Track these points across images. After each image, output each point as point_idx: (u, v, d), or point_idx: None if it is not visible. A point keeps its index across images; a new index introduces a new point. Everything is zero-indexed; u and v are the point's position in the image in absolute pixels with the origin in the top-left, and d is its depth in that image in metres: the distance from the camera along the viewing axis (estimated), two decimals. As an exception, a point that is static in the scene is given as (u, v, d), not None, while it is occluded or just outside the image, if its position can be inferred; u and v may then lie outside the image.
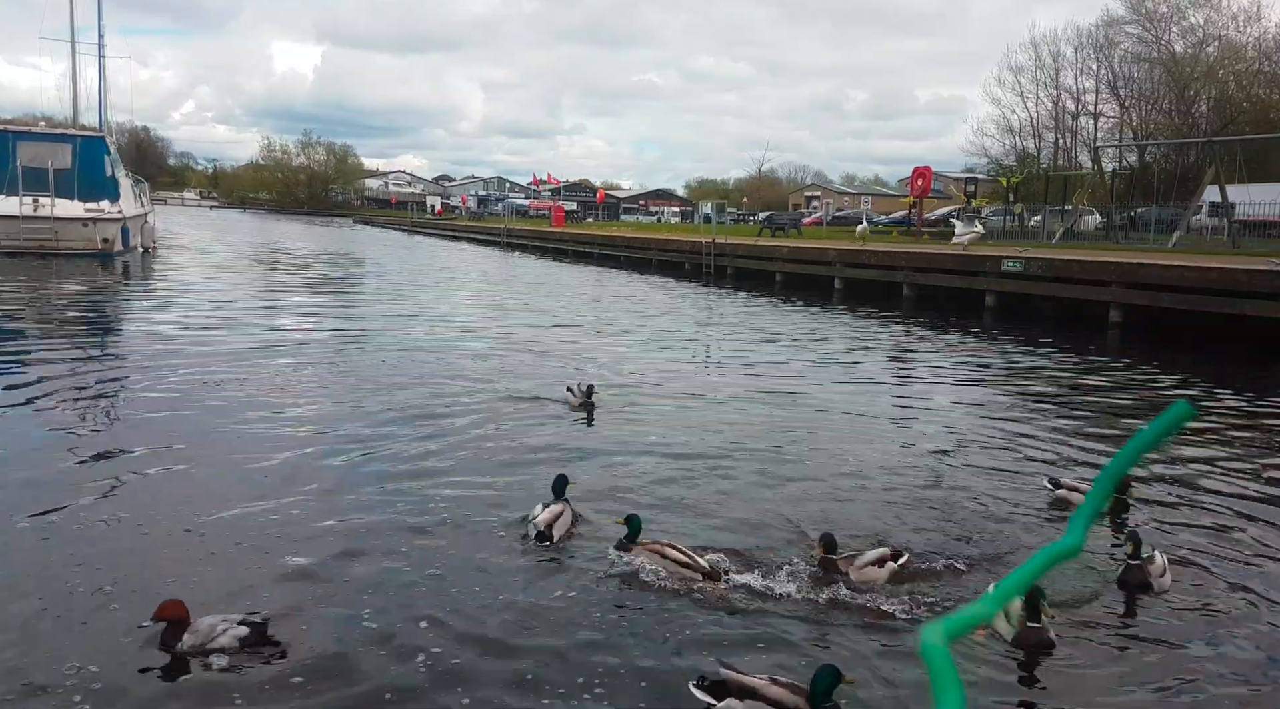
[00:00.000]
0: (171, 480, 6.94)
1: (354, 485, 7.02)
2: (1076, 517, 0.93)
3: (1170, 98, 54.49)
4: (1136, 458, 0.91)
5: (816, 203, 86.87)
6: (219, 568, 5.36)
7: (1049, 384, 12.71)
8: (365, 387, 10.78)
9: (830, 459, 8.22)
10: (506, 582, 5.33)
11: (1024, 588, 0.90)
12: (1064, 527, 0.93)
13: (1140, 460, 0.86)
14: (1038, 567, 0.90)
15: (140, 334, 14.86)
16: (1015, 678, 4.47)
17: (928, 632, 0.83)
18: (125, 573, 5.18)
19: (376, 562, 5.54)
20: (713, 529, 6.29)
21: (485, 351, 14.01)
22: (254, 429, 8.57)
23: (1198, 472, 8.04)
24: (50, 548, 5.56)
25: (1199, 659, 4.68)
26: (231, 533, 5.90)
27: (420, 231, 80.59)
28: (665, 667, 4.43)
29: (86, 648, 4.35)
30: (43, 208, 30.15)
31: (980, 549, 6.13)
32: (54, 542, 5.66)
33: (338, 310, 19.70)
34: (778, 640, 4.74)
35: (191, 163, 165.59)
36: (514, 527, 6.17)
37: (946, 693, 0.80)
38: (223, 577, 5.22)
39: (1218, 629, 5.02)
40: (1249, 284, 15.70)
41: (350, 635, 4.61)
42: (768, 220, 49.36)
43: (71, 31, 40.83)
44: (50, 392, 9.96)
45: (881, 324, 19.46)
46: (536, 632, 4.72)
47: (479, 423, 9.07)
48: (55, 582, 5.05)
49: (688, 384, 11.75)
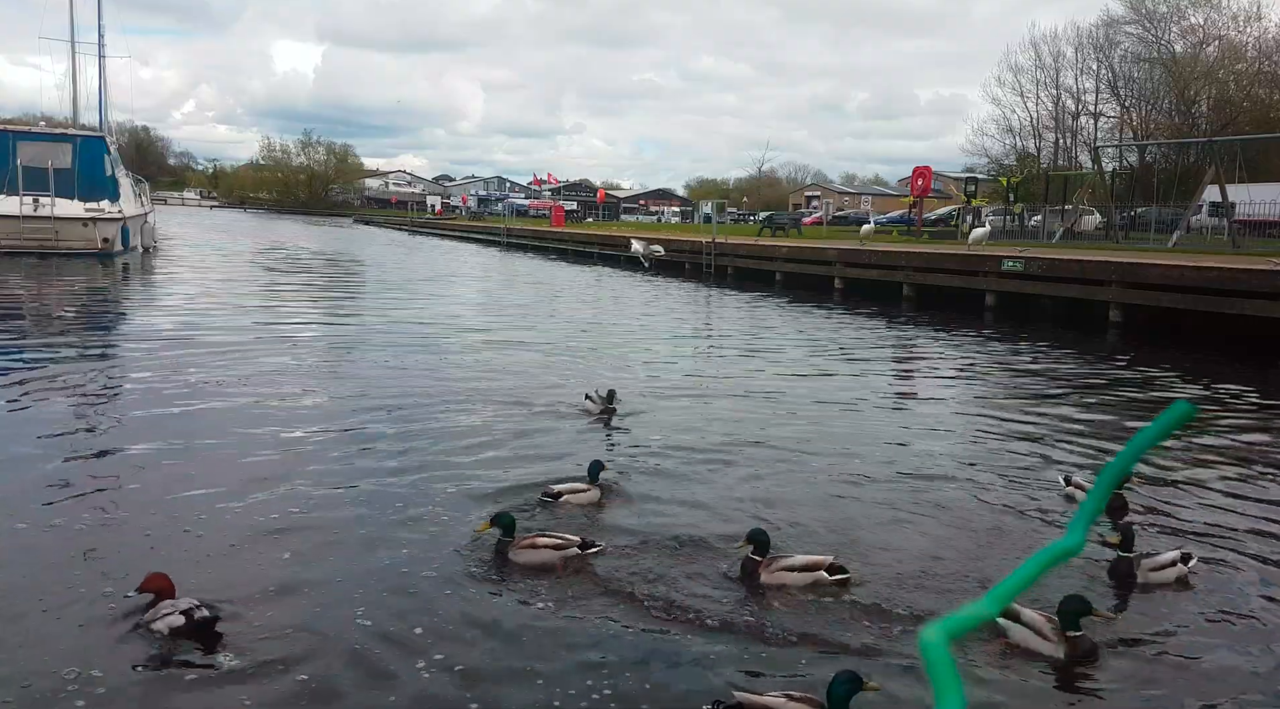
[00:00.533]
0: (169, 477, 6.93)
1: (361, 493, 7.02)
2: (1077, 516, 0.93)
3: (1170, 98, 54.52)
4: (1137, 458, 0.91)
5: (816, 203, 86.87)
6: (209, 563, 5.36)
7: (1049, 384, 12.71)
8: (371, 390, 10.76)
9: (830, 459, 8.21)
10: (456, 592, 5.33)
11: (1024, 588, 0.90)
12: (1060, 526, 0.93)
13: (1140, 460, 0.86)
14: (1038, 567, 0.90)
15: (139, 334, 14.86)
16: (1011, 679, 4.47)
17: (928, 631, 0.83)
18: (112, 565, 5.19)
19: (362, 560, 5.55)
20: (716, 522, 6.29)
21: (492, 354, 13.98)
22: (254, 433, 8.55)
23: (1197, 471, 8.04)
24: (42, 544, 5.56)
25: (1197, 659, 4.68)
26: (227, 532, 5.90)
27: (420, 231, 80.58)
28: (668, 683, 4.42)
29: (65, 633, 4.36)
30: (43, 208, 30.16)
31: (977, 548, 6.13)
32: (46, 537, 5.66)
33: (338, 312, 19.70)
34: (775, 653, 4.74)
35: (192, 163, 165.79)
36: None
37: (947, 693, 0.80)
38: (209, 572, 5.22)
39: (1216, 627, 5.02)
40: (1249, 284, 15.69)
41: (309, 642, 4.58)
42: (768, 220, 49.36)
43: (71, 31, 40.85)
44: (47, 392, 9.95)
45: (881, 324, 19.46)
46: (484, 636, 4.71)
47: (490, 433, 8.90)
48: (45, 574, 5.06)
49: (700, 384, 11.75)
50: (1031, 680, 4.44)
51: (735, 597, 5.22)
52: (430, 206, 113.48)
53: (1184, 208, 31.31)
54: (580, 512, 6.51)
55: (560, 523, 6.22)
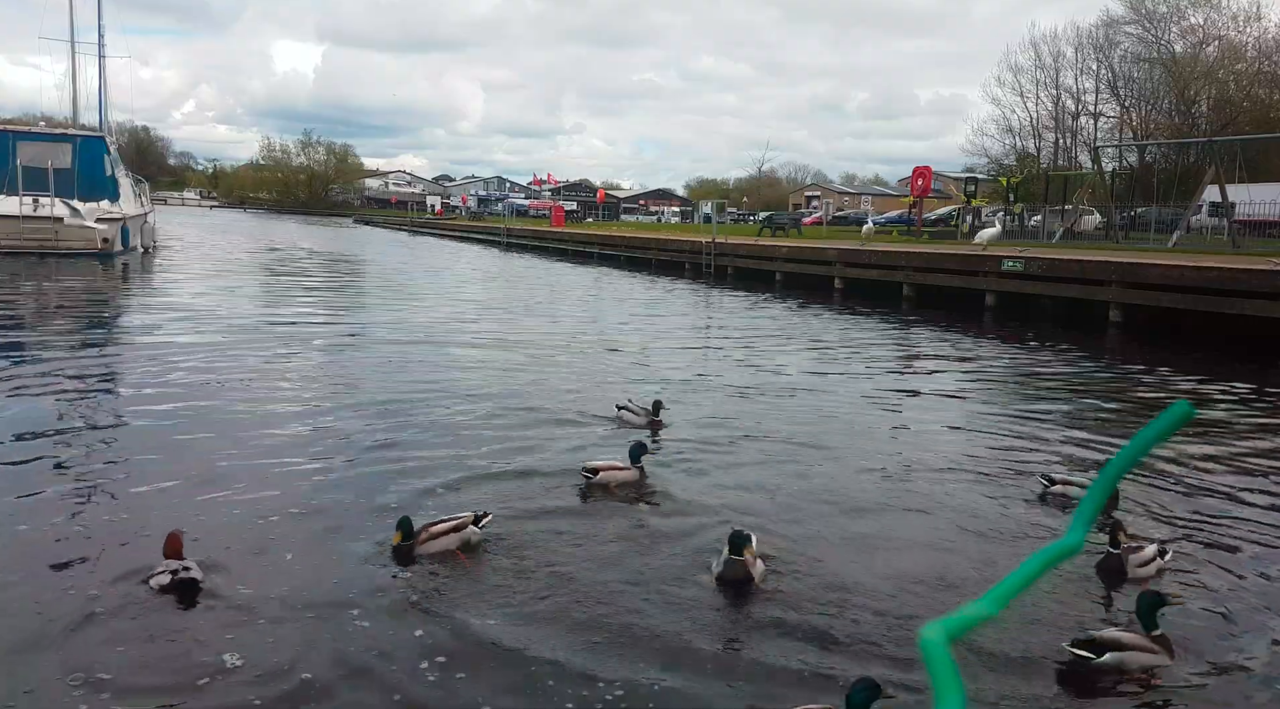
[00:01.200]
0: (167, 477, 6.93)
1: (374, 505, 7.02)
2: (1077, 516, 0.93)
3: (1170, 98, 54.56)
4: (1137, 458, 0.91)
5: (816, 203, 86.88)
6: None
7: (1049, 384, 12.71)
8: (371, 391, 10.75)
9: (828, 458, 8.22)
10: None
11: (1024, 588, 0.90)
12: (1055, 524, 0.93)
13: (1140, 460, 0.86)
14: (1038, 566, 0.90)
15: (138, 332, 14.85)
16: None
17: (928, 631, 0.83)
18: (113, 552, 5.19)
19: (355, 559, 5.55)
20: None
21: (500, 357, 13.99)
22: (257, 434, 8.56)
23: (1198, 471, 8.03)
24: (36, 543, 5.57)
25: (1191, 657, 4.68)
26: (224, 531, 5.90)
27: (421, 231, 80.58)
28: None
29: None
30: (42, 208, 30.17)
31: (974, 548, 6.13)
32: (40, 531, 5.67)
33: (339, 312, 19.69)
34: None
35: (191, 163, 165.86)
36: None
37: (947, 693, 0.80)
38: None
39: (1213, 626, 5.02)
40: (1249, 284, 15.70)
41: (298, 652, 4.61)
42: (768, 220, 49.37)
43: (71, 31, 40.85)
44: (43, 391, 9.95)
45: (881, 324, 19.46)
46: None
47: (507, 449, 8.27)
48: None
49: (705, 383, 11.75)
50: (1031, 681, 4.44)
51: (723, 601, 5.21)
52: (430, 207, 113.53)
53: (1184, 208, 31.31)
54: (619, 492, 6.59)
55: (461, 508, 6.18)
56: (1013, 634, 4.75)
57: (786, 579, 5.46)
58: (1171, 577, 5.65)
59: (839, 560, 5.82)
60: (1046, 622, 4.93)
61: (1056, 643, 4.62)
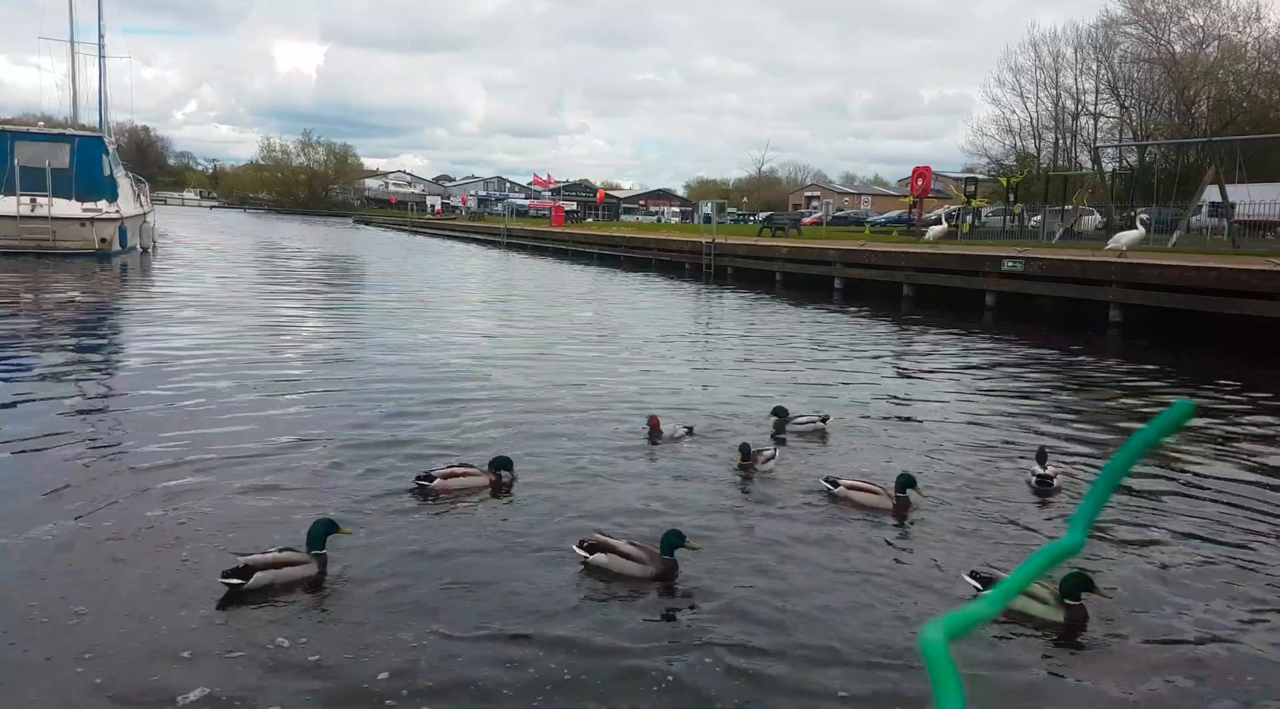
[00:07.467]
0: (167, 475, 6.93)
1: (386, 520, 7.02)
2: (1077, 516, 0.93)
3: (1170, 98, 54.60)
4: (1137, 457, 0.90)
5: (816, 203, 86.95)
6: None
7: (1049, 384, 12.71)
8: (371, 391, 10.76)
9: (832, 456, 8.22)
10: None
11: (1025, 587, 0.90)
12: (1055, 525, 0.93)
13: (1141, 460, 0.86)
14: (1038, 566, 0.90)
15: (136, 332, 14.84)
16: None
17: (928, 630, 0.82)
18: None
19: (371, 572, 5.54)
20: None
21: (510, 358, 13.98)
22: (257, 434, 8.56)
23: (1197, 471, 8.03)
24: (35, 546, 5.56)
25: (1191, 657, 4.68)
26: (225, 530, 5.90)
27: (421, 232, 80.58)
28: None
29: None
30: (40, 208, 30.16)
31: (972, 548, 6.13)
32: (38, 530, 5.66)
33: (340, 313, 19.69)
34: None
35: (191, 163, 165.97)
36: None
37: (947, 693, 0.79)
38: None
39: (1210, 626, 5.02)
40: (1249, 284, 15.70)
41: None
42: (768, 220, 49.38)
43: (71, 31, 40.81)
44: (40, 391, 9.95)
45: (882, 324, 19.45)
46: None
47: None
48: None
49: (710, 380, 11.75)
50: (1029, 674, 4.44)
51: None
52: (430, 207, 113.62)
53: (1184, 208, 31.33)
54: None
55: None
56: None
57: (788, 578, 5.47)
58: (1150, 571, 5.64)
59: (834, 560, 5.82)
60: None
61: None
